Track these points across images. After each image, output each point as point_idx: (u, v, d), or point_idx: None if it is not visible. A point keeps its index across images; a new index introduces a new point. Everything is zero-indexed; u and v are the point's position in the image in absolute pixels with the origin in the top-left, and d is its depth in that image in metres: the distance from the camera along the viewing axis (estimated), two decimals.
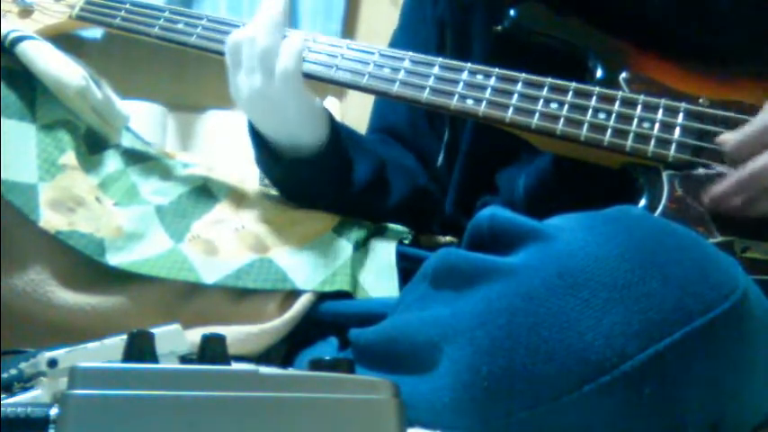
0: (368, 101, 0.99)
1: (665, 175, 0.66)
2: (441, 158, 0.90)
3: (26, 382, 0.50)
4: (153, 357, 0.34)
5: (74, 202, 0.73)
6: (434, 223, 0.89)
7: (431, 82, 0.73)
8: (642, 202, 0.65)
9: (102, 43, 1.83)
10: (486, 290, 0.50)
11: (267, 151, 0.80)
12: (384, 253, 0.80)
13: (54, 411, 0.37)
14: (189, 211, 0.80)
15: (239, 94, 0.78)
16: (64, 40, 0.86)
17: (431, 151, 0.92)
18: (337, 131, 0.80)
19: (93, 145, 0.81)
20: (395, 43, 0.94)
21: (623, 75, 0.71)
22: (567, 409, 0.46)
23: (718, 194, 0.63)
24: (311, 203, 0.83)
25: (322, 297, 0.75)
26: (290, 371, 0.36)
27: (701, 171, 0.65)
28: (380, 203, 0.84)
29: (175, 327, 0.53)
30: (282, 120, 0.77)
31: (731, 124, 0.66)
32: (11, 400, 0.46)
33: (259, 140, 0.80)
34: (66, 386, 0.31)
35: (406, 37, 0.93)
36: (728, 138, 0.64)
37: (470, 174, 0.86)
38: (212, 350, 0.35)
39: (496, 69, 0.72)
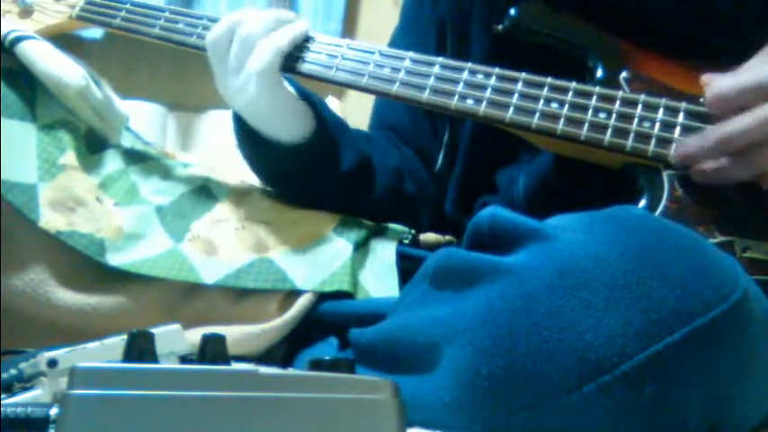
0: (368, 101, 0.98)
1: (665, 174, 0.65)
2: (440, 159, 0.90)
3: (26, 382, 0.50)
4: (153, 357, 0.34)
5: (74, 202, 0.73)
6: (421, 223, 0.89)
7: (431, 82, 0.73)
8: (642, 202, 0.65)
9: (102, 43, 1.82)
10: (486, 290, 0.50)
11: (249, 137, 0.81)
12: (384, 253, 0.80)
13: (54, 411, 0.37)
14: (189, 211, 0.80)
15: (220, 88, 0.80)
16: (64, 40, 0.86)
17: (431, 150, 0.92)
18: (324, 125, 0.81)
19: (93, 145, 0.81)
20: (394, 42, 0.94)
21: (623, 74, 0.71)
22: (568, 408, 0.45)
23: (690, 151, 0.63)
24: (291, 192, 0.84)
25: (322, 297, 0.75)
26: (290, 371, 0.36)
27: None
28: (360, 196, 0.84)
29: (175, 327, 0.53)
30: (260, 115, 0.79)
31: None
32: (11, 400, 0.46)
33: (241, 125, 0.81)
34: (67, 386, 0.31)
35: (405, 36, 0.93)
36: (709, 94, 0.64)
37: (470, 173, 0.86)
38: (212, 350, 0.35)
39: (497, 69, 0.72)
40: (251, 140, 0.81)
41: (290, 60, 0.78)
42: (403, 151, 0.92)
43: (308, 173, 0.82)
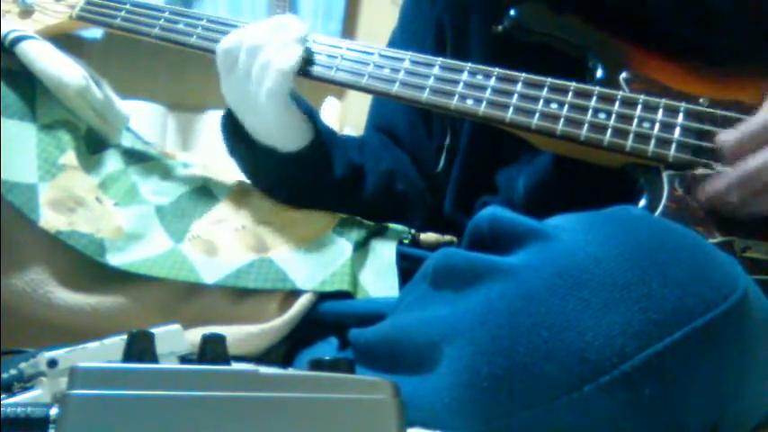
0: (368, 101, 0.99)
1: (665, 175, 0.66)
2: (441, 160, 0.90)
3: (26, 382, 0.50)
4: (153, 357, 0.34)
5: (74, 202, 0.73)
6: (414, 221, 0.89)
7: (431, 82, 0.73)
8: (642, 202, 0.65)
9: (102, 43, 1.82)
10: (486, 290, 0.50)
11: (244, 142, 0.81)
12: (384, 253, 0.80)
13: (54, 411, 0.37)
14: (189, 211, 0.80)
15: (226, 95, 0.80)
16: (64, 40, 0.86)
17: (426, 151, 0.92)
18: (319, 137, 0.81)
19: (93, 145, 0.81)
20: (393, 42, 0.94)
21: (623, 75, 0.71)
22: (568, 408, 0.46)
23: (716, 191, 0.63)
24: (282, 197, 0.84)
25: (322, 297, 0.75)
26: (290, 371, 0.36)
27: (700, 171, 0.65)
28: (351, 200, 0.84)
29: (175, 327, 0.53)
30: (263, 129, 0.79)
31: (731, 124, 0.66)
32: (11, 400, 0.46)
33: (234, 128, 0.81)
34: (67, 386, 0.31)
35: (404, 36, 0.94)
36: (727, 136, 0.64)
37: (470, 174, 0.86)
38: (212, 350, 0.35)
39: (496, 69, 0.72)
40: (245, 145, 0.81)
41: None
42: (394, 153, 0.92)
43: (300, 180, 0.82)
